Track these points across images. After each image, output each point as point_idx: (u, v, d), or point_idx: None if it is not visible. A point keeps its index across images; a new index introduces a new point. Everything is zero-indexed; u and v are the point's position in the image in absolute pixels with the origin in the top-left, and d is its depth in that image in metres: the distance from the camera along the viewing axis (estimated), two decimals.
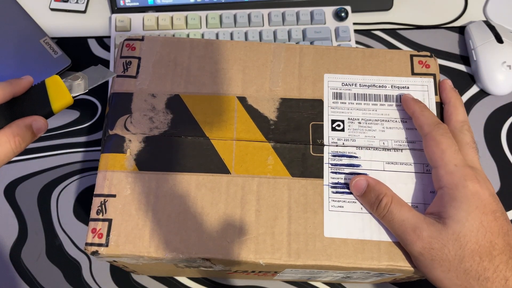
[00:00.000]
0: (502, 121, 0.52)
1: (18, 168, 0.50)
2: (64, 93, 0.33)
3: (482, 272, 0.29)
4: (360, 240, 0.33)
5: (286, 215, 0.33)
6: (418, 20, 0.58)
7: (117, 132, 0.36)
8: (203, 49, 0.38)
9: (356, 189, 0.34)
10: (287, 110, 0.36)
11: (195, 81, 0.37)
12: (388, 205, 0.32)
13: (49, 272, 0.45)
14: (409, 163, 0.35)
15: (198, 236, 0.33)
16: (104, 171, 0.34)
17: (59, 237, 0.47)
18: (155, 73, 0.38)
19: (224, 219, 0.33)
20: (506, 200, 0.48)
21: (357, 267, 0.32)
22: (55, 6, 0.58)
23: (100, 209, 0.33)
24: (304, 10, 0.54)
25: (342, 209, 0.34)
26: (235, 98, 0.37)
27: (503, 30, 0.54)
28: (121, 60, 0.38)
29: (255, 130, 0.36)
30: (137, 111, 0.36)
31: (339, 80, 0.37)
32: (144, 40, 0.39)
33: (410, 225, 0.31)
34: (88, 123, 0.52)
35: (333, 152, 0.35)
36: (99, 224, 0.33)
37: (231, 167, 0.35)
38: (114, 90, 0.37)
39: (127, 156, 0.35)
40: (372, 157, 0.35)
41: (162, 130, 0.36)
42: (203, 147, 0.35)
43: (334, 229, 0.33)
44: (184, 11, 0.55)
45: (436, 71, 0.38)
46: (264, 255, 0.32)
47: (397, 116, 0.36)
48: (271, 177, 0.34)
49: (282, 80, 0.37)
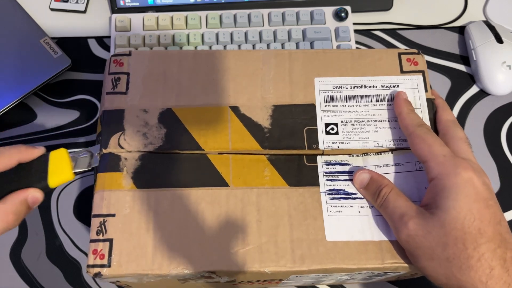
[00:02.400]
0: (502, 121, 0.52)
1: None
2: (65, 169, 0.32)
3: (465, 260, 0.28)
4: (362, 241, 0.33)
5: (287, 223, 0.33)
6: (418, 20, 0.58)
7: (111, 151, 0.35)
8: (192, 61, 0.38)
9: (359, 182, 0.34)
10: (280, 117, 0.36)
11: (186, 93, 0.37)
12: (387, 194, 0.33)
13: (49, 272, 0.45)
14: (401, 163, 0.36)
15: (201, 250, 0.32)
16: (102, 191, 0.34)
17: (59, 237, 0.47)
18: (145, 88, 0.37)
19: (226, 231, 0.33)
20: (506, 200, 0.48)
21: (362, 267, 0.33)
22: (55, 6, 0.58)
23: (100, 230, 0.33)
24: (304, 10, 0.55)
25: (340, 213, 0.34)
26: (227, 108, 0.37)
27: (503, 30, 0.54)
28: (109, 77, 0.38)
29: (250, 139, 0.36)
30: (130, 127, 0.36)
31: (329, 83, 0.38)
32: (131, 55, 0.39)
33: (400, 213, 0.31)
34: (88, 123, 0.52)
35: (326, 161, 0.36)
36: (100, 245, 0.33)
37: (229, 180, 0.34)
38: (105, 108, 0.37)
39: (123, 174, 0.34)
40: (364, 163, 0.36)
41: (156, 145, 0.35)
42: (199, 161, 0.35)
43: (335, 232, 0.33)
44: (184, 11, 0.55)
45: (425, 68, 0.38)
46: (268, 264, 0.32)
47: (389, 115, 0.37)
48: (269, 187, 0.34)
49: (274, 87, 0.37)
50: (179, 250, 0.32)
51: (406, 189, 0.34)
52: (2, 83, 0.50)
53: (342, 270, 0.33)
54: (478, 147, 0.50)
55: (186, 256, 0.32)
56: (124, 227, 0.33)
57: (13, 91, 0.50)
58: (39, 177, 0.32)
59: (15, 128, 0.51)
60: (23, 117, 0.52)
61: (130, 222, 0.33)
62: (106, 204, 0.34)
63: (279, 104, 0.37)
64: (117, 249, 0.32)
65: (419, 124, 0.34)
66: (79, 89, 0.53)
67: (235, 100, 0.37)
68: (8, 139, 0.51)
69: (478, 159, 0.33)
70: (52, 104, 0.53)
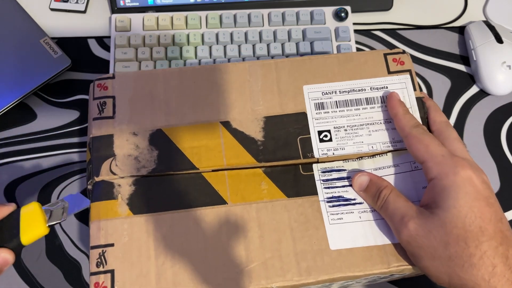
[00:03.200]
0: (502, 121, 0.52)
1: (18, 168, 0.49)
2: (39, 223, 0.30)
3: (467, 258, 0.28)
4: (366, 247, 0.33)
5: (289, 236, 0.33)
6: (418, 20, 0.58)
7: (103, 178, 0.34)
8: (178, 78, 0.37)
9: (358, 185, 0.34)
10: (272, 128, 0.36)
11: (175, 112, 0.36)
12: (386, 196, 0.33)
13: (49, 272, 0.45)
14: (396, 164, 0.36)
15: (206, 272, 0.32)
16: (98, 221, 0.33)
17: (59, 237, 0.46)
18: (132, 110, 0.36)
19: (229, 250, 0.33)
20: (506, 200, 0.48)
21: (368, 273, 0.33)
22: (55, 6, 0.57)
23: (99, 261, 0.32)
24: (304, 10, 0.54)
25: (342, 220, 0.34)
26: (218, 123, 0.36)
27: (503, 30, 0.54)
28: (94, 102, 0.37)
29: (244, 153, 0.35)
30: (120, 152, 0.35)
31: (318, 90, 0.37)
32: (115, 78, 0.38)
33: (400, 213, 0.31)
34: (88, 123, 0.51)
35: (322, 169, 0.35)
36: (101, 277, 0.32)
37: (227, 197, 0.34)
38: (93, 135, 0.36)
39: (119, 201, 0.34)
40: (359, 167, 0.36)
41: (150, 168, 0.35)
42: (195, 181, 0.34)
43: (339, 241, 0.33)
44: (184, 11, 0.55)
45: (411, 67, 0.38)
46: (275, 279, 0.32)
47: (381, 117, 0.37)
48: (268, 201, 0.34)
49: (263, 98, 0.37)
50: (183, 274, 0.32)
51: (404, 189, 0.35)
52: (2, 83, 0.50)
53: (349, 278, 0.33)
54: (478, 147, 0.50)
55: (191, 279, 0.32)
56: (125, 256, 0.32)
57: (13, 91, 0.50)
58: (11, 235, 0.30)
59: (15, 128, 0.51)
60: (23, 117, 0.51)
61: (130, 250, 0.32)
62: (104, 234, 0.33)
63: (270, 115, 0.37)
64: (120, 280, 0.32)
65: (415, 125, 0.34)
66: (79, 89, 0.53)
67: (225, 115, 0.36)
68: (8, 139, 0.50)
69: (478, 159, 0.33)
70: (52, 104, 0.52)
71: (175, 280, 0.32)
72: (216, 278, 0.32)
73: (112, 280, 0.32)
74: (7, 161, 0.49)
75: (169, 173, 0.35)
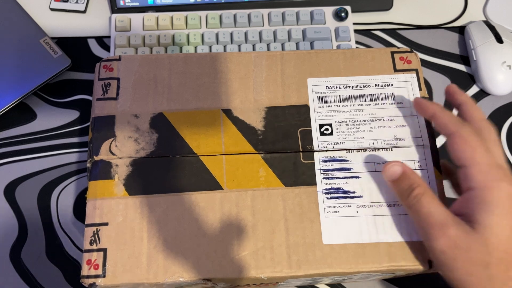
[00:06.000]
0: (502, 121, 0.52)
1: (18, 168, 0.49)
2: None
3: (507, 281, 0.28)
4: (359, 244, 0.33)
5: (283, 227, 0.33)
6: (418, 20, 0.58)
7: (102, 158, 0.35)
8: (183, 65, 0.38)
9: (390, 174, 0.32)
10: (273, 119, 0.36)
11: (177, 98, 0.37)
12: (420, 196, 0.31)
13: (49, 272, 0.45)
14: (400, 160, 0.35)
15: (197, 257, 0.32)
16: (94, 199, 0.33)
17: (59, 237, 0.47)
18: (136, 93, 0.37)
19: (221, 237, 0.33)
20: None
21: (359, 271, 0.32)
22: (55, 6, 0.57)
23: (93, 239, 0.32)
24: (304, 10, 0.54)
25: (338, 214, 0.34)
26: (220, 111, 0.36)
27: (503, 30, 0.54)
28: (99, 83, 0.37)
29: (243, 142, 0.35)
30: (121, 133, 0.35)
31: (322, 83, 0.37)
32: (121, 60, 0.38)
33: (438, 220, 0.30)
34: (88, 123, 0.52)
35: (323, 158, 0.35)
36: (93, 254, 0.32)
37: (223, 183, 0.34)
38: (95, 115, 0.36)
39: (115, 181, 0.34)
40: (363, 159, 0.35)
41: (148, 151, 0.35)
42: (192, 165, 0.34)
43: (332, 235, 0.33)
44: (184, 11, 0.55)
45: (418, 66, 0.38)
46: (264, 270, 0.32)
47: (384, 114, 0.36)
48: (264, 189, 0.34)
49: (266, 89, 0.37)
50: (174, 258, 0.32)
51: None
52: (2, 83, 0.50)
53: (339, 274, 0.32)
54: None
55: (181, 264, 0.32)
56: (118, 236, 0.32)
57: (13, 91, 0.50)
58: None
59: (15, 128, 0.51)
60: (23, 117, 0.52)
61: (124, 230, 0.33)
62: (99, 213, 0.33)
63: (272, 106, 0.36)
64: (112, 259, 0.32)
65: (460, 122, 0.32)
66: (79, 89, 0.53)
67: (227, 103, 0.36)
68: (8, 139, 0.51)
69: None
70: (52, 104, 0.52)
71: (166, 264, 0.32)
72: (207, 264, 0.32)
73: (104, 259, 0.32)
74: (7, 161, 0.49)
75: (167, 155, 0.35)
